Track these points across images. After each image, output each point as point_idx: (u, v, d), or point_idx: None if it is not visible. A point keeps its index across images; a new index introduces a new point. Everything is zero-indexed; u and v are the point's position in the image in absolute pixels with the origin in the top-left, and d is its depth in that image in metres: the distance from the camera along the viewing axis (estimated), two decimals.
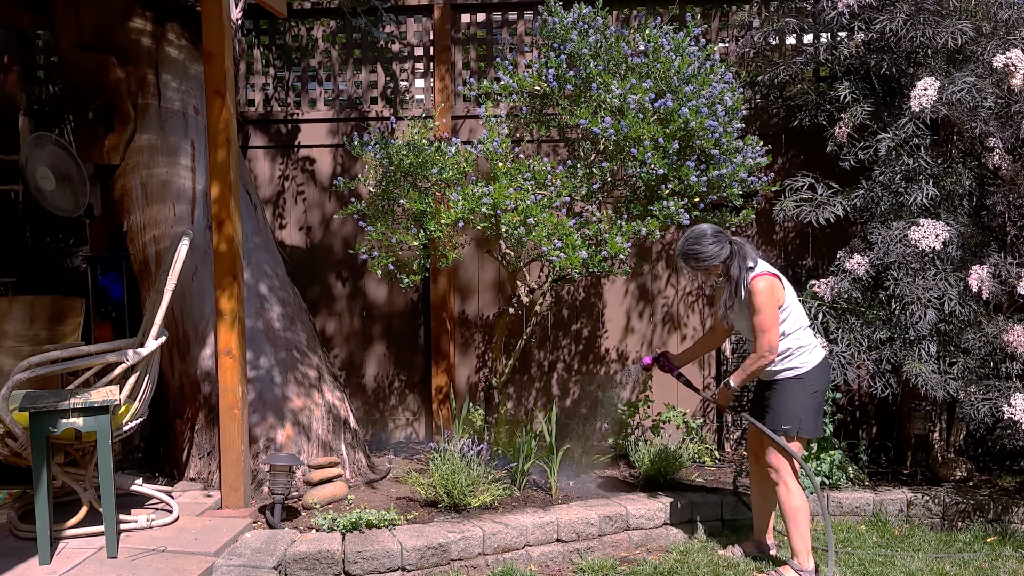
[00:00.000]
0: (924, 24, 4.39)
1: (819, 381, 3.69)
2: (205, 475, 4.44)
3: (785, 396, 3.67)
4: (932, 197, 4.41)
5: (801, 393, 3.65)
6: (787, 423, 3.65)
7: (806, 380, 3.65)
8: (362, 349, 5.70)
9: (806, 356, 3.67)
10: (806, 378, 3.65)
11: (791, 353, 3.66)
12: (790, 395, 3.66)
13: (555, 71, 4.29)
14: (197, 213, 4.79)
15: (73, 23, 4.85)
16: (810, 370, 3.66)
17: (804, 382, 3.65)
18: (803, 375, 3.65)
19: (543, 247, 4.03)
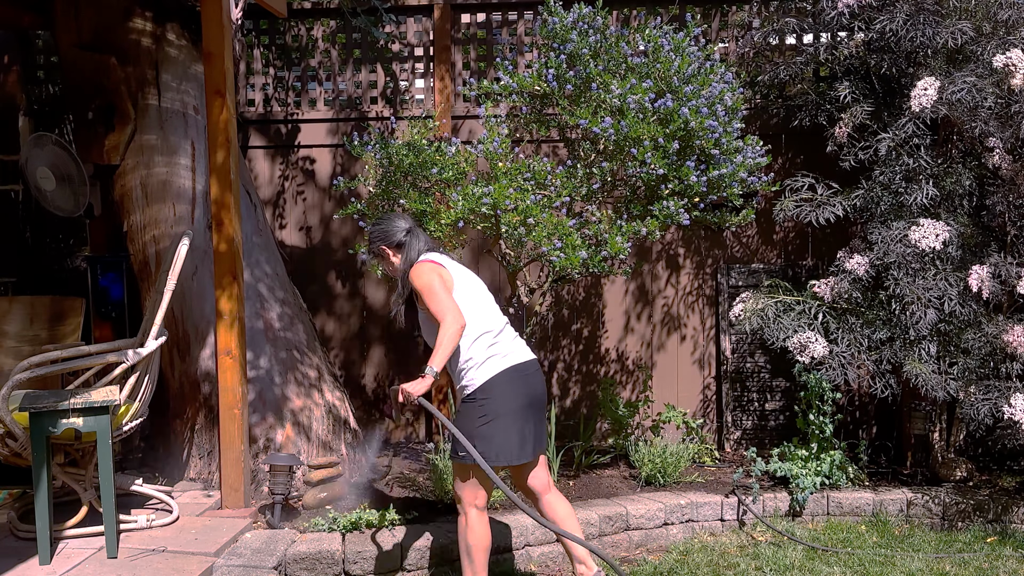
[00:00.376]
0: (924, 24, 4.39)
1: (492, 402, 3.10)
2: (205, 475, 4.44)
3: (460, 416, 3.19)
4: (932, 197, 4.41)
5: (471, 415, 3.12)
6: (461, 449, 3.07)
7: (475, 400, 3.13)
8: (361, 349, 5.70)
9: (477, 372, 3.14)
10: (476, 397, 3.13)
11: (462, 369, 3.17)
12: (462, 416, 3.17)
13: (555, 71, 4.29)
14: (197, 213, 4.79)
15: (73, 23, 4.85)
16: (481, 387, 3.12)
17: (475, 403, 3.13)
18: (473, 393, 3.14)
19: (543, 247, 4.03)
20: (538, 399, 3.23)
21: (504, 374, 3.13)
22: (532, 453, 3.18)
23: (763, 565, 3.86)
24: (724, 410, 5.50)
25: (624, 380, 5.59)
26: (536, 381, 3.23)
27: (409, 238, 3.28)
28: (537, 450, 3.23)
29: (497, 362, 3.14)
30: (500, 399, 3.11)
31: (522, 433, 3.14)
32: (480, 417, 3.10)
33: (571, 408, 5.59)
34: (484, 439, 3.07)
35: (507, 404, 3.11)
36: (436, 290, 3.10)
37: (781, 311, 4.58)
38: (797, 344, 4.30)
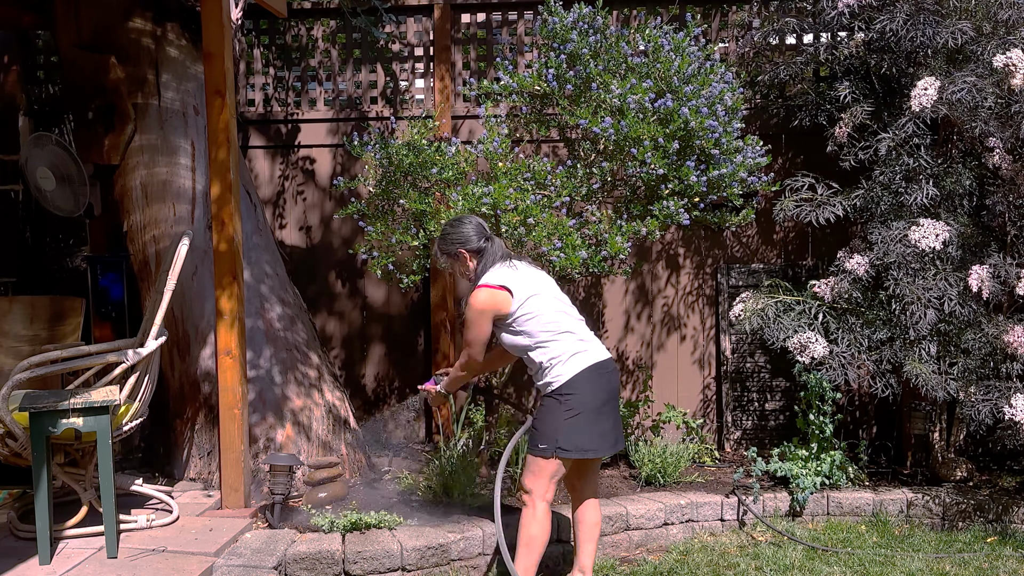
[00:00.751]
0: (924, 24, 4.39)
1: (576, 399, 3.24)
2: (205, 475, 4.44)
3: (541, 413, 3.33)
4: (932, 197, 4.41)
5: (556, 411, 3.26)
6: (543, 442, 3.26)
7: (561, 396, 3.25)
8: (362, 349, 5.70)
9: (558, 370, 3.27)
10: (562, 394, 3.25)
11: (544, 366, 3.30)
12: (545, 412, 3.30)
13: (555, 71, 4.29)
14: (197, 213, 4.79)
15: (73, 23, 4.85)
16: (564, 384, 3.25)
17: (561, 399, 3.25)
18: (558, 390, 3.26)
19: (543, 247, 4.03)
20: (615, 396, 3.39)
21: (587, 371, 3.26)
22: (612, 447, 3.38)
23: (763, 565, 3.86)
24: (724, 410, 5.50)
25: (624, 380, 5.59)
26: (614, 378, 3.39)
27: (488, 245, 3.40)
28: (617, 444, 3.40)
29: (580, 359, 3.27)
30: (585, 394, 3.25)
31: (603, 428, 3.30)
32: (567, 411, 3.23)
33: None
34: (569, 431, 3.23)
35: (591, 399, 3.26)
36: (474, 322, 3.33)
37: (781, 311, 4.58)
38: (797, 344, 4.30)
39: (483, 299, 3.31)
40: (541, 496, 3.29)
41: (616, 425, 3.37)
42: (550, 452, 3.24)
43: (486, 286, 3.32)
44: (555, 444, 3.23)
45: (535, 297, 3.32)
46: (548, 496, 3.30)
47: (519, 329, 3.32)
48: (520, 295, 3.30)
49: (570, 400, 3.24)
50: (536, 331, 3.30)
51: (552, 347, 3.28)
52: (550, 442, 3.24)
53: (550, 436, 3.24)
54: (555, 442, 3.23)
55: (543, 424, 3.28)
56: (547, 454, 3.25)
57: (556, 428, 3.23)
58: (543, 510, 3.29)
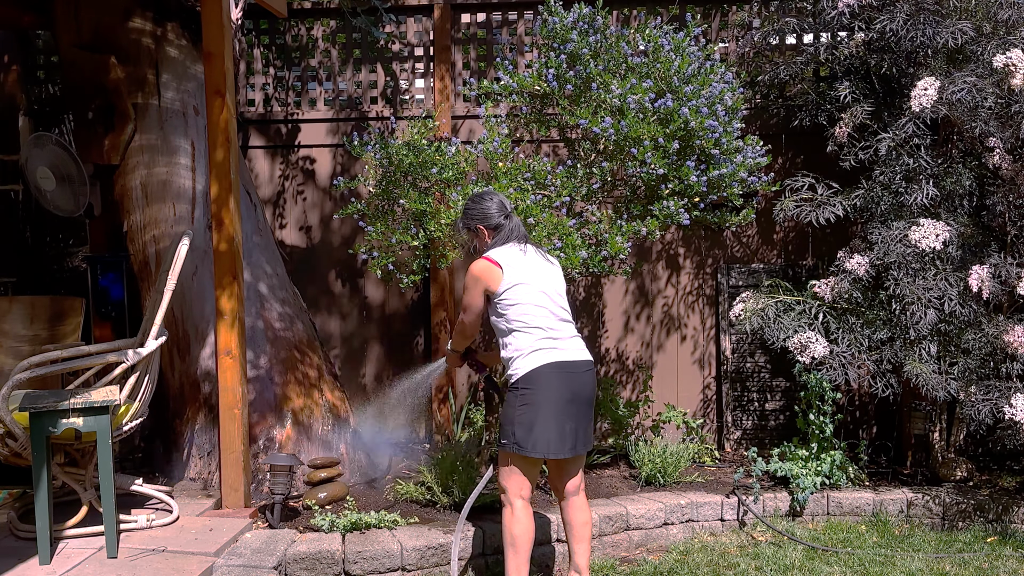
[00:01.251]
0: (924, 24, 4.39)
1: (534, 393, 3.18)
2: (205, 475, 4.44)
3: (505, 405, 3.31)
4: (932, 197, 4.41)
5: (515, 404, 3.21)
6: (503, 437, 3.24)
7: (519, 389, 3.22)
8: (361, 348, 5.70)
9: (521, 363, 3.23)
10: (520, 387, 3.21)
11: (509, 357, 3.29)
12: (507, 404, 3.27)
13: (555, 71, 4.29)
14: (197, 213, 4.79)
15: (73, 23, 4.85)
16: (523, 376, 3.20)
17: (518, 392, 3.22)
18: (516, 383, 3.23)
19: (543, 247, 4.02)
20: (584, 399, 3.28)
21: (548, 367, 3.20)
22: (571, 450, 3.23)
23: (763, 565, 3.86)
24: (724, 410, 5.50)
25: (624, 380, 5.59)
26: (584, 381, 3.28)
27: (506, 222, 3.37)
28: (577, 448, 3.26)
29: (543, 355, 3.21)
30: (542, 391, 3.18)
31: (562, 428, 3.20)
32: (521, 405, 3.19)
33: None
34: (523, 427, 3.17)
35: (548, 396, 3.18)
36: (468, 287, 3.34)
37: (781, 311, 4.58)
38: (797, 344, 4.30)
39: (479, 269, 3.31)
40: (516, 493, 3.23)
41: (581, 428, 3.26)
42: (509, 447, 3.20)
43: (486, 258, 3.32)
44: (512, 439, 3.18)
45: (521, 286, 3.27)
46: (523, 493, 3.23)
47: (501, 312, 3.29)
48: (509, 279, 3.26)
49: (526, 395, 3.19)
50: (512, 319, 3.26)
51: (519, 339, 3.24)
52: (508, 436, 3.20)
53: (507, 430, 3.21)
54: (512, 436, 3.18)
55: (503, 417, 3.26)
56: (506, 448, 3.21)
57: (511, 421, 3.20)
58: (520, 507, 3.22)
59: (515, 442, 3.17)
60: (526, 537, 3.22)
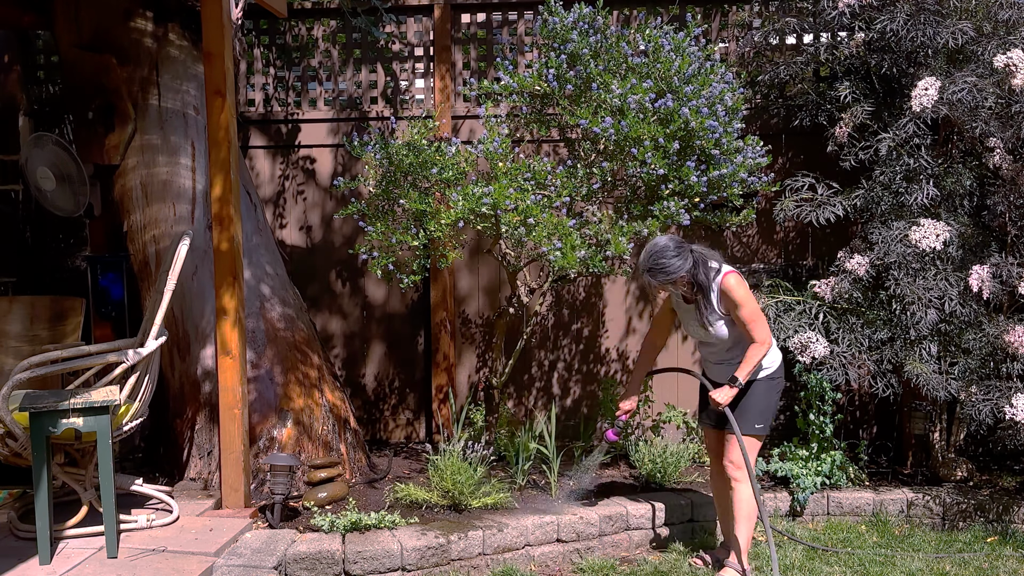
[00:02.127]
0: (925, 24, 4.39)
1: (783, 379, 3.76)
2: (205, 475, 4.44)
3: (759, 395, 3.66)
4: (932, 197, 4.41)
5: (772, 392, 3.69)
6: (760, 422, 3.65)
7: (775, 378, 3.70)
8: (362, 349, 5.70)
9: (773, 355, 3.71)
10: (776, 376, 3.70)
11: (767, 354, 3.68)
12: (763, 394, 3.66)
13: (555, 71, 4.29)
14: (197, 213, 4.79)
15: (73, 23, 4.85)
16: (779, 367, 3.71)
17: (775, 380, 3.69)
18: (773, 373, 3.69)
19: (543, 247, 4.03)
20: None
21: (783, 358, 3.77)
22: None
23: (763, 565, 3.85)
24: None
25: (625, 380, 5.59)
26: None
27: (697, 257, 3.58)
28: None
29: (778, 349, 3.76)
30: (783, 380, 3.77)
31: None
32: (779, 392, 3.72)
33: (572, 408, 5.59)
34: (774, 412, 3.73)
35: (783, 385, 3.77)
36: (751, 299, 3.58)
37: (782, 311, 4.58)
38: (798, 344, 4.30)
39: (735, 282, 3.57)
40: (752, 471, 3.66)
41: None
42: (766, 430, 3.67)
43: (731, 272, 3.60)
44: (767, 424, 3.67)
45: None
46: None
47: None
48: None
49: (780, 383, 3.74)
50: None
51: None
52: (766, 421, 3.65)
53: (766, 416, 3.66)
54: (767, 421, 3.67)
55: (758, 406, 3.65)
56: (763, 432, 3.66)
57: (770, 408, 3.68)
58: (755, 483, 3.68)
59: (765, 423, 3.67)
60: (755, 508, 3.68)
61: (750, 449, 3.63)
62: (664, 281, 3.57)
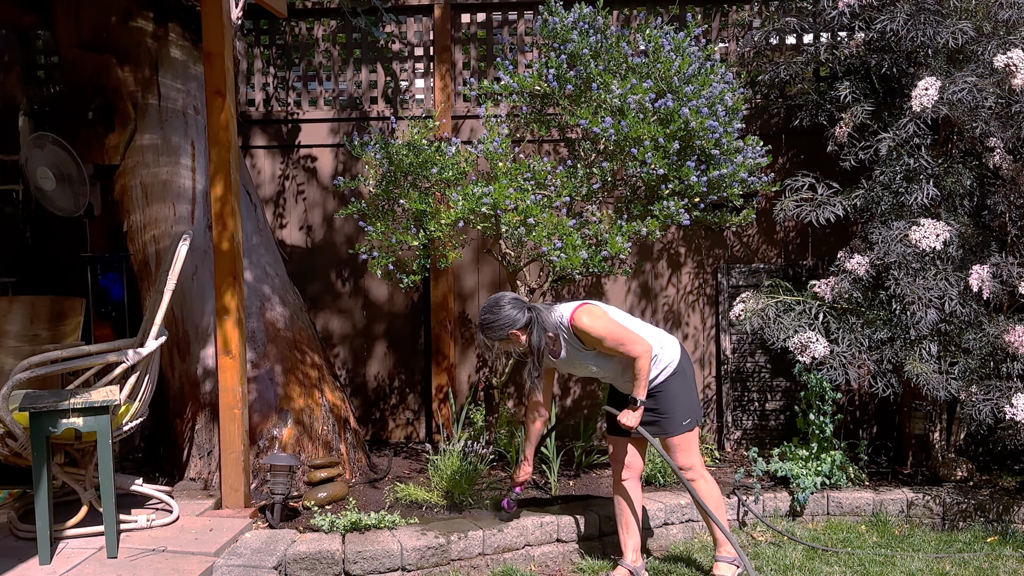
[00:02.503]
0: (925, 24, 4.39)
1: (690, 368, 3.70)
2: (205, 475, 4.44)
3: (673, 393, 3.60)
4: (932, 197, 4.41)
5: (684, 384, 3.62)
6: (686, 418, 3.60)
7: (678, 371, 3.62)
8: (362, 348, 5.70)
9: (667, 353, 3.62)
10: (679, 369, 3.62)
11: (657, 356, 3.59)
12: (677, 390, 3.60)
13: (555, 71, 4.29)
14: (197, 213, 4.79)
15: (73, 23, 4.85)
16: (679, 360, 3.63)
17: (678, 373, 3.61)
18: (676, 368, 3.61)
19: (543, 247, 4.03)
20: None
21: (680, 346, 3.70)
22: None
23: (763, 565, 3.85)
24: (724, 410, 5.50)
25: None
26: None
27: (533, 315, 3.49)
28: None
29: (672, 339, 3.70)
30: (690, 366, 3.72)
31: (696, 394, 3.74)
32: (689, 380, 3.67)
33: (571, 408, 5.59)
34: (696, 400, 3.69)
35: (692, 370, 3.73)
36: (610, 326, 3.48)
37: (781, 311, 4.57)
38: (798, 344, 4.29)
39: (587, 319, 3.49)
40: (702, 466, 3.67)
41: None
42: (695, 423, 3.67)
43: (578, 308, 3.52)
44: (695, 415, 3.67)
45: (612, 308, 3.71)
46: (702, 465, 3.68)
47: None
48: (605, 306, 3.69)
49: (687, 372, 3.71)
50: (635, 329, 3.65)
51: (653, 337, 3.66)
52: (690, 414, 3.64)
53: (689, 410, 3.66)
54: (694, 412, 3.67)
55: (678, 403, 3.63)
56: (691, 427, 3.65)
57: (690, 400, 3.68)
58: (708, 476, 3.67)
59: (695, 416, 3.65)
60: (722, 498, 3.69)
61: (688, 442, 3.61)
62: (496, 337, 3.48)
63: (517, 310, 3.46)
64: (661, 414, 3.59)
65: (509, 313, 3.45)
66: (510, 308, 3.46)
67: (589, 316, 3.47)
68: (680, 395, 3.59)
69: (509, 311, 3.45)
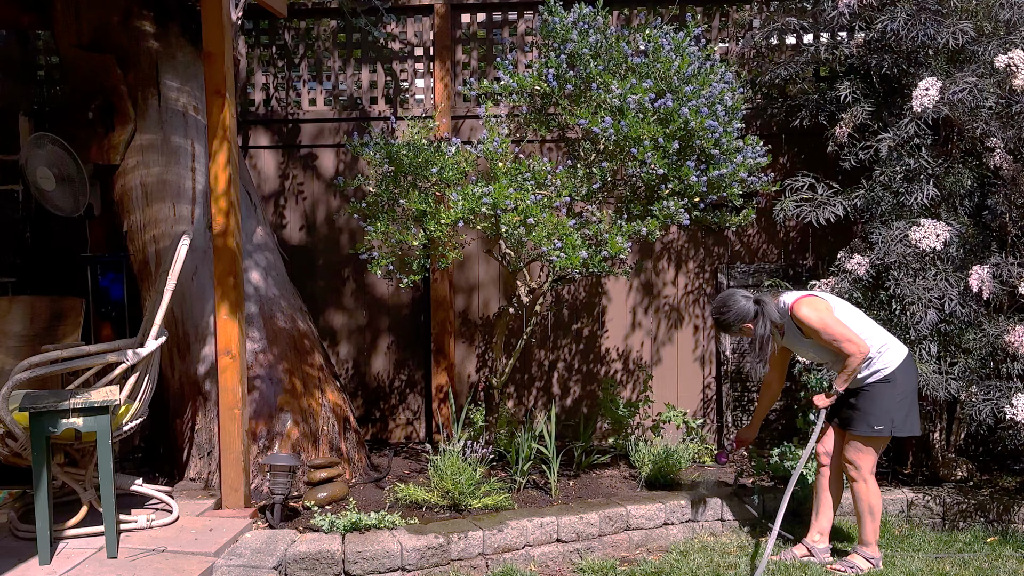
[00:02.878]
0: (925, 24, 4.39)
1: (906, 380, 3.72)
2: (205, 475, 4.44)
3: (873, 398, 3.71)
4: (933, 197, 4.41)
5: (889, 393, 3.69)
6: (879, 423, 3.69)
7: (890, 380, 3.69)
8: (363, 348, 5.70)
9: (884, 359, 3.71)
10: (891, 378, 3.70)
11: (872, 358, 3.71)
12: (878, 396, 3.70)
13: (555, 71, 4.29)
14: (197, 213, 4.79)
15: (73, 23, 4.85)
16: (894, 370, 3.70)
17: (890, 383, 3.69)
18: (888, 376, 3.70)
19: (543, 247, 4.03)
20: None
21: (909, 358, 3.76)
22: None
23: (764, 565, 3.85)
24: (724, 410, 5.50)
25: (625, 380, 5.59)
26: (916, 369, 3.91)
27: (760, 307, 3.74)
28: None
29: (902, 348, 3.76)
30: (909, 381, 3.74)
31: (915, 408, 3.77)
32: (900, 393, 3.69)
33: (572, 407, 5.59)
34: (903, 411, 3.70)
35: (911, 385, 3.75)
36: (829, 321, 3.66)
37: None
38: None
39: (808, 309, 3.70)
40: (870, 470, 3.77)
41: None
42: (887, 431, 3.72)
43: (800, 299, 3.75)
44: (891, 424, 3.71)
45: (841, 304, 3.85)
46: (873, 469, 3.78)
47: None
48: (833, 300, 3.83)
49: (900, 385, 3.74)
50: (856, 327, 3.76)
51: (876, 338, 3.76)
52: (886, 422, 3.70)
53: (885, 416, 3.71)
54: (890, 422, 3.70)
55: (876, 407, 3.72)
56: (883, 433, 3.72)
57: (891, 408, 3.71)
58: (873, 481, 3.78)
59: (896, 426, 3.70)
60: (880, 503, 3.79)
61: (870, 448, 3.73)
62: (730, 331, 3.84)
63: (746, 304, 3.73)
64: (856, 410, 3.74)
65: (739, 309, 3.74)
66: (740, 303, 3.74)
67: (809, 308, 3.67)
68: (881, 402, 3.68)
69: (739, 306, 3.74)
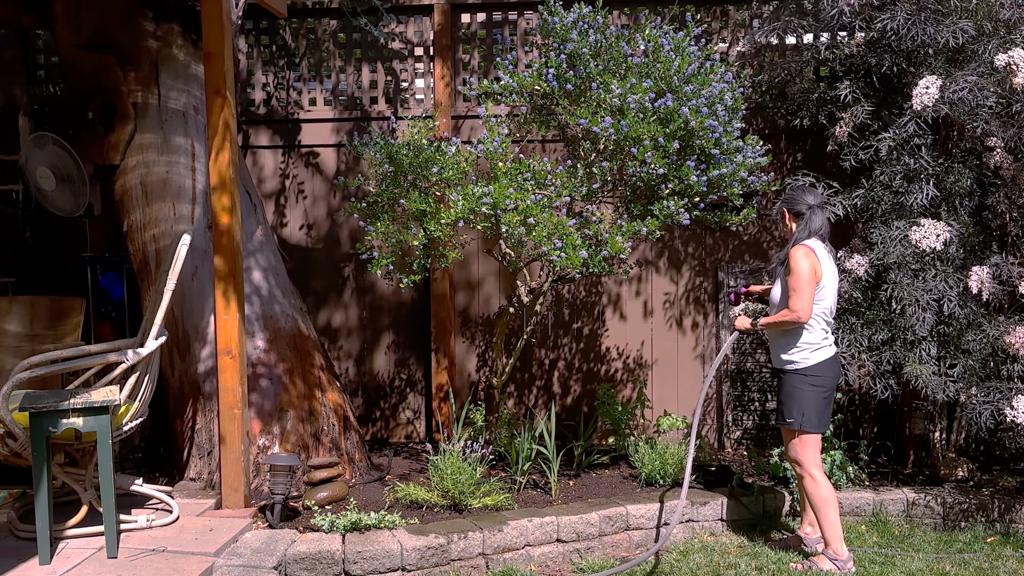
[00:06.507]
0: (925, 23, 4.38)
1: (823, 379, 3.77)
2: (205, 475, 4.44)
3: (786, 388, 3.81)
4: (932, 197, 4.41)
5: (801, 388, 3.76)
6: (789, 416, 3.77)
7: (807, 375, 3.76)
8: (363, 348, 5.70)
9: (814, 348, 3.77)
10: (807, 373, 3.76)
11: (798, 346, 3.78)
12: (792, 388, 3.78)
13: (555, 71, 4.29)
14: (197, 212, 4.79)
15: (73, 23, 4.85)
16: (812, 365, 3.76)
17: (807, 377, 3.76)
18: (804, 370, 3.77)
19: (543, 247, 4.03)
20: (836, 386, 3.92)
21: (830, 360, 3.79)
22: (826, 426, 3.83)
23: (763, 565, 3.85)
24: (724, 409, 5.50)
25: (625, 379, 5.59)
26: (840, 372, 3.91)
27: (809, 213, 3.81)
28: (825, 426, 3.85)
29: (828, 351, 3.79)
30: (826, 379, 3.78)
31: (829, 409, 3.81)
32: (811, 387, 3.74)
33: (572, 407, 5.59)
34: (812, 407, 3.74)
35: (829, 384, 3.79)
36: (804, 275, 3.70)
37: None
38: None
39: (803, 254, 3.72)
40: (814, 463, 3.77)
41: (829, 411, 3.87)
42: (798, 424, 3.74)
43: (803, 245, 3.76)
44: (802, 418, 3.73)
45: (828, 287, 3.78)
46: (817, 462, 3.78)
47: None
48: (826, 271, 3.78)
49: (815, 381, 3.76)
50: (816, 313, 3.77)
51: (811, 334, 3.78)
52: (796, 416, 3.74)
53: (795, 410, 3.75)
54: (802, 416, 3.73)
55: (787, 398, 3.79)
56: (794, 425, 3.75)
57: (800, 402, 3.75)
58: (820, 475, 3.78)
59: (805, 420, 3.73)
60: (833, 498, 3.76)
61: (803, 441, 3.76)
62: (780, 204, 3.92)
63: (803, 199, 3.82)
64: (779, 401, 3.87)
65: (799, 198, 3.83)
66: (803, 196, 3.83)
67: (801, 252, 3.73)
68: (795, 394, 3.76)
69: (800, 197, 3.83)
